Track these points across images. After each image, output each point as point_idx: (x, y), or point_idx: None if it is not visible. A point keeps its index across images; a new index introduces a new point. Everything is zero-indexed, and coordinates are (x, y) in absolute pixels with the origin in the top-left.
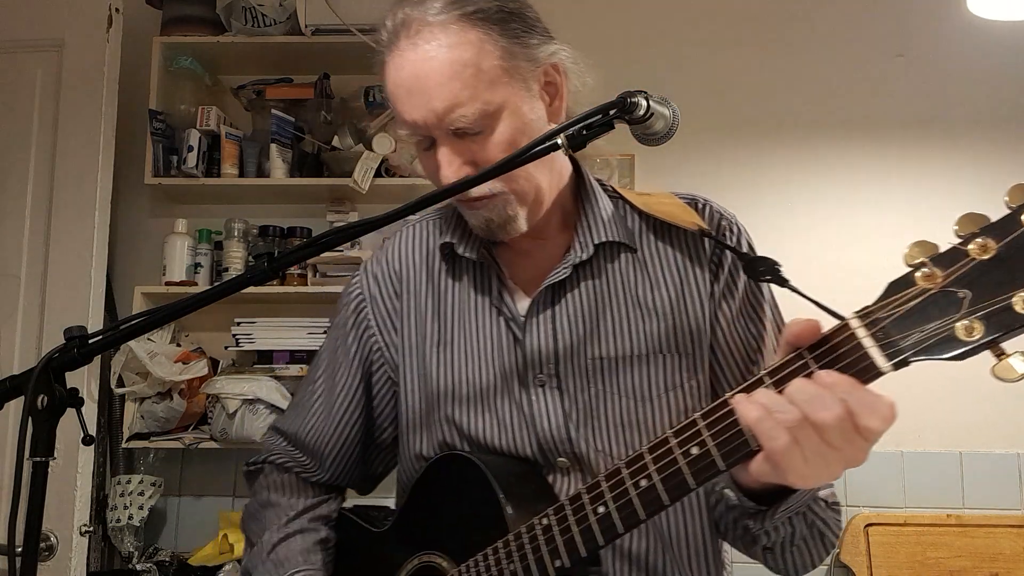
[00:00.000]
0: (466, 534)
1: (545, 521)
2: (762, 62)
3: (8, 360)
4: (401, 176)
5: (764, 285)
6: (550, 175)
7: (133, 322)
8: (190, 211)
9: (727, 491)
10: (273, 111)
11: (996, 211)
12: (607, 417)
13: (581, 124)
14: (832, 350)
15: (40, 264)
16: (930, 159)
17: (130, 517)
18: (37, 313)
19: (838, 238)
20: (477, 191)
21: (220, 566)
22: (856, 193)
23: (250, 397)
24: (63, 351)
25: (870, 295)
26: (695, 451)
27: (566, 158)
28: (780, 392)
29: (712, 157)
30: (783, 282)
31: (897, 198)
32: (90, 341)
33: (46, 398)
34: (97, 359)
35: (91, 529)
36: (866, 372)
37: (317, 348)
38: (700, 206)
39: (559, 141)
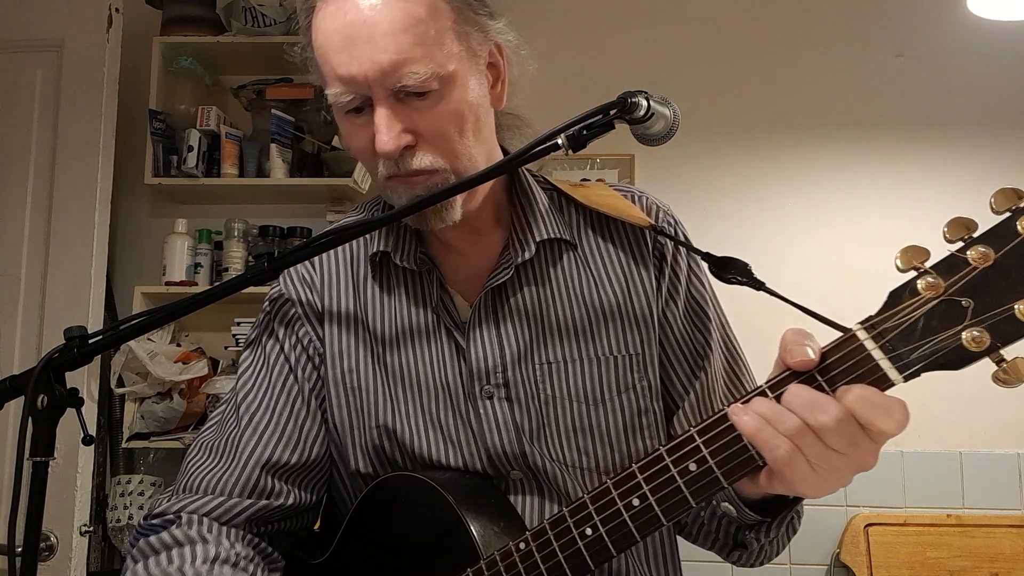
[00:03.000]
0: (425, 565)
1: (523, 546)
2: (762, 62)
3: (8, 360)
4: None
5: (705, 278)
6: (487, 160)
7: (133, 322)
8: (190, 211)
9: (725, 504)
10: (273, 111)
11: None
12: (559, 423)
13: (581, 124)
14: (839, 363)
15: (40, 264)
16: (930, 159)
17: (130, 517)
18: (37, 313)
19: (837, 239)
20: (418, 164)
21: None
22: (856, 193)
23: None
24: (63, 351)
25: (869, 296)
26: (693, 467)
27: (498, 148)
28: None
29: (712, 157)
30: (758, 285)
31: (897, 198)
32: (90, 341)
33: (46, 398)
34: (97, 359)
35: (91, 529)
36: (877, 385)
37: None
38: (636, 198)
39: (559, 141)
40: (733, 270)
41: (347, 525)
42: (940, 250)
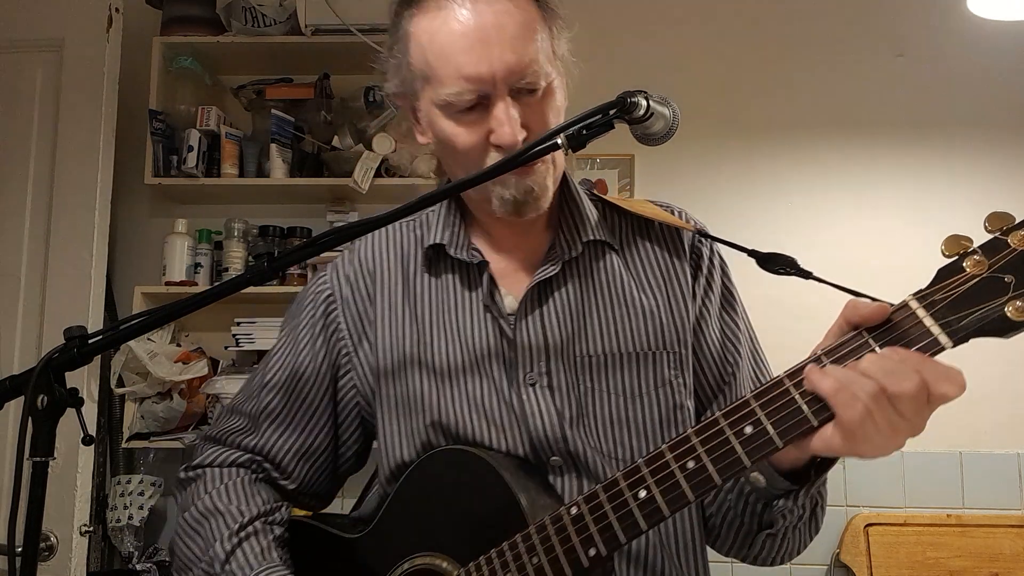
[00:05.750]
0: (472, 532)
1: (575, 510)
2: (762, 62)
3: (8, 360)
4: (401, 176)
5: (734, 286)
6: (560, 158)
7: (133, 322)
8: (190, 211)
9: (754, 475)
10: (273, 111)
11: (993, 207)
12: (597, 415)
13: (581, 124)
14: (893, 329)
15: (40, 264)
16: (930, 159)
17: (130, 517)
18: (37, 313)
19: (837, 238)
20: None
21: None
22: (855, 193)
23: None
24: (63, 351)
25: (870, 293)
26: (749, 430)
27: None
28: (844, 367)
29: (712, 157)
30: (806, 274)
31: (896, 197)
32: (90, 341)
33: (46, 398)
34: (97, 359)
35: (91, 529)
36: (928, 349)
37: None
38: (676, 212)
39: (559, 141)
40: (781, 263)
41: (391, 500)
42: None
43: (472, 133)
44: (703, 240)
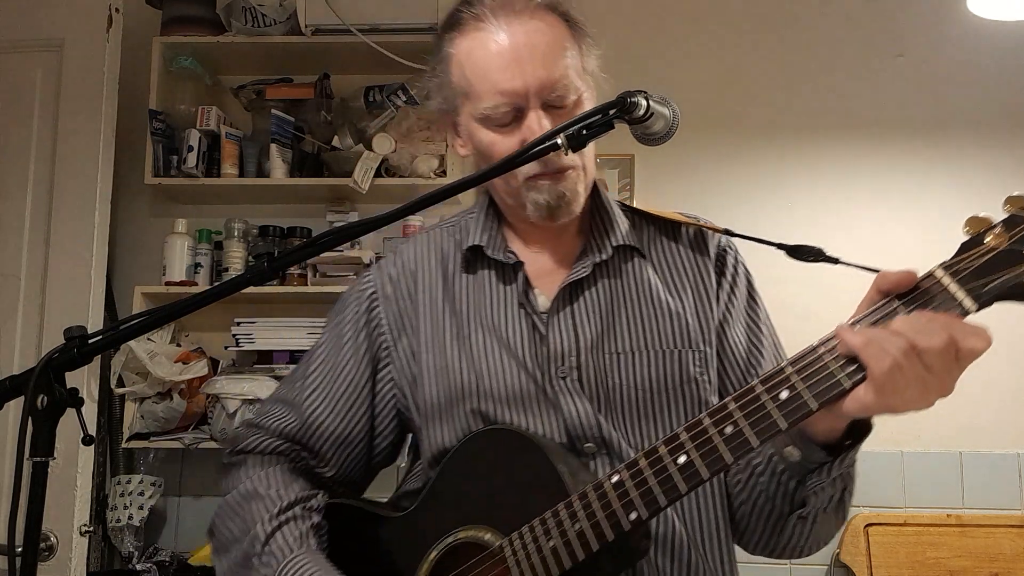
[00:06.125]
0: (515, 504)
1: (616, 478)
2: (762, 62)
3: (8, 360)
4: (401, 176)
5: (757, 291)
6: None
7: (133, 322)
8: (190, 211)
9: (788, 448)
10: (273, 111)
11: (993, 206)
12: (625, 409)
13: (581, 124)
14: (921, 295)
15: (40, 264)
16: (930, 159)
17: (130, 517)
18: (37, 313)
19: (838, 237)
20: (570, 160)
21: None
22: (856, 192)
23: (250, 397)
24: (63, 351)
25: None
26: (785, 394)
27: None
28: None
29: (711, 157)
30: (834, 260)
31: (897, 197)
32: (90, 341)
33: (46, 398)
34: (97, 359)
35: (91, 529)
36: (954, 312)
37: None
38: (701, 220)
39: (559, 141)
40: (809, 253)
41: (434, 480)
42: (946, 248)
43: (509, 142)
44: (728, 248)
